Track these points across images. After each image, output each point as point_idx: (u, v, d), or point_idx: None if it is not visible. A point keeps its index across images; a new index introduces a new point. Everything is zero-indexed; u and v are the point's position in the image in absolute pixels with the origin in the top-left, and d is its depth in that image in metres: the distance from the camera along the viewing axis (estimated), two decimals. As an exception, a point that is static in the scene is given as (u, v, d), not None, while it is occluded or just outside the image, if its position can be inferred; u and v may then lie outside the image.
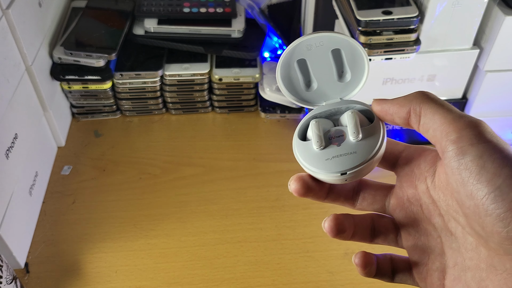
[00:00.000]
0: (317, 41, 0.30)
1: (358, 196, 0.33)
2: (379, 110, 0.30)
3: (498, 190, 0.23)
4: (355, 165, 0.29)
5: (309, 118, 0.32)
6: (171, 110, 0.76)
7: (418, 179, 0.30)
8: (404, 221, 0.31)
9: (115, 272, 0.56)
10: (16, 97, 0.57)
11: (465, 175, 0.24)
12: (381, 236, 0.32)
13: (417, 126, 0.28)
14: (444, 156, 0.26)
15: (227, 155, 0.70)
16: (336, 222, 0.30)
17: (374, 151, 0.29)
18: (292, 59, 0.31)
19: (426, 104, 0.27)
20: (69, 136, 0.73)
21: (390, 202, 0.32)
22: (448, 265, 0.29)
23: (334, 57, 0.31)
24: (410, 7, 0.56)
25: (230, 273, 0.56)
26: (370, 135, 0.30)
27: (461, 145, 0.25)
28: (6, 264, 0.45)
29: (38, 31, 0.65)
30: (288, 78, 0.32)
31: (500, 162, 0.24)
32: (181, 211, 0.63)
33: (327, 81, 0.32)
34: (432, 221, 0.30)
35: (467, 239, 0.27)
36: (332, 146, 0.30)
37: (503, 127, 0.68)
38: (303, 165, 0.30)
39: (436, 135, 0.26)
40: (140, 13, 0.74)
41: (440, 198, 0.28)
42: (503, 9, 0.57)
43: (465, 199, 0.25)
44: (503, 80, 0.62)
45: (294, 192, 0.30)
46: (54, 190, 0.65)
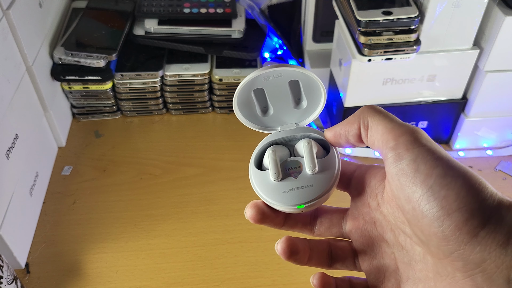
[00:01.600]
0: (275, 73, 0.31)
1: (315, 221, 0.33)
2: (332, 136, 0.30)
3: (430, 190, 0.24)
4: (311, 199, 0.29)
5: (265, 144, 0.33)
6: (171, 111, 0.77)
7: (370, 197, 0.30)
8: (361, 241, 0.31)
9: (115, 273, 0.56)
10: (16, 97, 0.57)
11: (403, 179, 0.25)
12: (339, 261, 0.32)
13: (366, 140, 0.29)
14: (386, 164, 0.27)
15: (227, 155, 0.70)
16: (289, 243, 0.30)
17: (330, 184, 0.30)
18: (250, 88, 0.32)
19: (372, 116, 0.28)
20: (70, 136, 0.73)
21: (346, 224, 0.32)
22: (402, 281, 0.29)
23: (291, 87, 0.32)
24: (410, 8, 0.56)
25: (230, 273, 0.56)
26: (326, 168, 0.30)
27: (398, 151, 0.26)
28: (6, 264, 0.45)
29: (38, 32, 0.65)
30: (245, 104, 0.33)
31: (432, 163, 0.25)
32: (181, 211, 0.63)
33: (284, 108, 0.33)
34: (385, 238, 0.30)
35: (416, 250, 0.28)
36: (289, 178, 0.30)
37: (503, 127, 0.68)
38: (261, 195, 0.31)
39: (379, 145, 0.27)
40: (141, 13, 0.74)
41: (388, 212, 0.29)
42: (503, 9, 0.57)
43: (404, 204, 0.25)
44: (503, 80, 0.62)
45: (250, 219, 0.30)
46: (54, 190, 0.65)
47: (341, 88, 0.66)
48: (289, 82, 0.32)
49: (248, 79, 0.31)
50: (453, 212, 0.23)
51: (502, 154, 0.70)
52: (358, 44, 0.58)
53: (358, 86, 0.63)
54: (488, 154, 0.70)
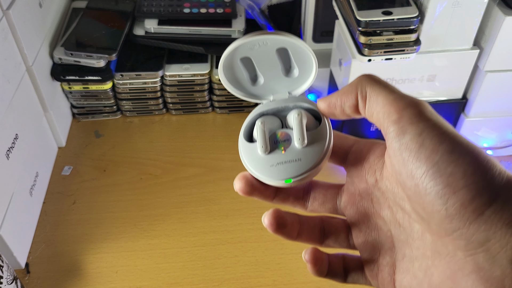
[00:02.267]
0: (260, 42, 0.30)
1: (308, 196, 0.32)
2: (326, 107, 0.29)
3: (436, 166, 0.23)
4: (299, 173, 0.28)
5: (256, 115, 0.31)
6: (171, 111, 0.77)
7: (368, 173, 0.29)
8: (355, 217, 0.30)
9: (115, 273, 0.56)
10: (16, 97, 0.57)
11: (406, 154, 0.24)
12: (332, 238, 0.31)
13: (364, 112, 0.27)
14: (387, 138, 0.25)
15: (227, 155, 0.70)
16: (276, 215, 0.29)
17: (319, 159, 0.29)
18: (235, 57, 0.30)
19: (371, 86, 0.26)
20: (70, 136, 0.73)
21: (341, 199, 0.31)
22: (397, 259, 0.28)
23: (280, 55, 0.31)
24: (410, 8, 0.56)
25: (230, 274, 0.56)
26: (316, 140, 0.29)
27: (402, 125, 0.24)
28: (6, 265, 0.45)
29: (38, 32, 0.65)
30: (233, 74, 0.31)
31: (439, 138, 0.23)
32: (181, 211, 0.63)
33: (274, 76, 0.31)
34: (381, 215, 0.29)
35: (414, 228, 0.27)
36: (277, 152, 0.29)
37: (503, 127, 0.68)
38: (248, 169, 0.30)
39: (379, 118, 0.26)
40: (141, 13, 0.74)
41: (387, 188, 0.28)
42: (503, 9, 0.57)
43: (406, 180, 0.24)
44: (503, 80, 0.62)
45: (239, 191, 0.30)
46: (54, 190, 0.65)
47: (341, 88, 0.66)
48: (277, 50, 0.30)
49: (231, 49, 0.29)
50: (459, 190, 0.22)
51: (502, 154, 0.70)
52: (358, 44, 0.58)
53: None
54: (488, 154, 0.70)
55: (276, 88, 0.32)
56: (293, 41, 0.29)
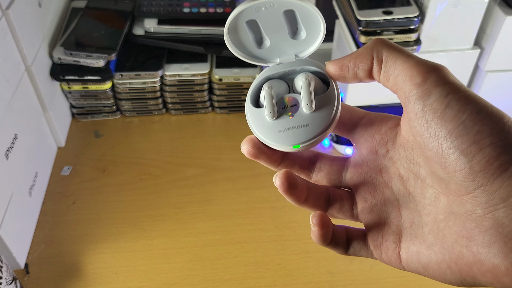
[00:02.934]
0: (267, 4, 0.29)
1: (314, 166, 0.32)
2: (337, 70, 0.29)
3: (462, 125, 0.23)
4: (307, 139, 0.28)
5: (262, 79, 0.31)
6: (171, 111, 0.76)
7: (379, 144, 0.29)
8: (361, 187, 0.30)
9: (115, 273, 0.56)
10: (16, 97, 0.57)
11: (429, 115, 0.24)
12: (336, 205, 0.31)
13: (378, 76, 0.27)
14: (408, 101, 0.26)
15: (227, 155, 0.70)
16: (288, 175, 0.29)
17: (327, 123, 0.28)
18: (240, 20, 0.30)
19: (387, 50, 0.27)
20: (69, 136, 0.73)
21: (347, 171, 0.31)
22: (404, 227, 0.28)
23: (287, 17, 0.30)
24: (411, 7, 0.56)
25: (230, 274, 0.56)
26: (324, 105, 0.29)
27: (426, 87, 0.25)
28: (6, 265, 0.45)
29: (38, 31, 0.65)
30: (238, 37, 0.31)
31: (465, 99, 0.24)
32: (181, 211, 0.63)
33: (280, 38, 0.31)
34: (389, 184, 0.29)
35: (426, 194, 0.27)
36: (285, 117, 0.29)
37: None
38: (256, 134, 0.30)
39: (398, 82, 0.26)
40: (140, 13, 0.74)
41: (400, 155, 0.28)
42: (504, 9, 0.56)
43: (428, 140, 0.25)
44: (503, 80, 0.62)
45: (246, 153, 0.30)
46: (54, 190, 0.65)
47: (342, 88, 0.66)
48: (284, 12, 0.29)
49: (237, 12, 0.29)
50: (486, 147, 0.23)
51: (502, 154, 0.69)
52: (358, 44, 0.58)
53: (358, 85, 0.62)
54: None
55: (283, 51, 0.31)
56: (301, 3, 0.29)
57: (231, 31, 0.30)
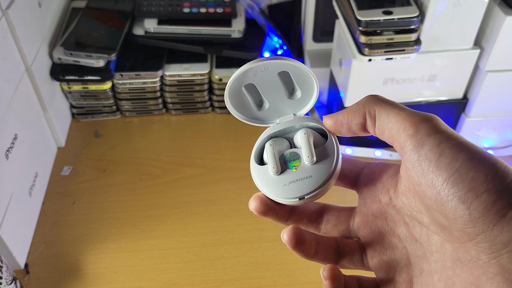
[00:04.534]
0: (262, 67, 0.30)
1: (321, 219, 0.33)
2: (332, 125, 0.30)
3: (457, 173, 0.24)
4: (312, 190, 0.29)
5: (264, 138, 0.32)
6: (171, 111, 0.76)
7: (381, 192, 0.30)
8: (369, 237, 0.31)
9: (115, 273, 0.56)
10: (16, 97, 0.57)
11: (425, 164, 0.25)
12: (346, 257, 0.32)
13: (373, 130, 0.28)
14: (404, 151, 0.26)
15: (227, 155, 0.70)
16: (295, 231, 0.30)
17: (329, 173, 0.30)
18: (239, 85, 0.31)
19: (379, 105, 0.28)
20: (69, 136, 0.73)
21: (354, 221, 0.32)
22: (414, 275, 0.29)
23: (282, 78, 0.32)
24: (411, 7, 0.56)
25: (230, 274, 0.56)
26: (325, 157, 0.30)
27: (419, 137, 0.26)
28: (6, 265, 0.45)
29: (38, 32, 0.65)
30: (239, 101, 0.32)
31: (457, 147, 0.25)
32: (181, 212, 0.63)
33: (278, 99, 0.32)
34: (396, 232, 0.30)
35: (432, 241, 0.27)
36: (288, 171, 0.30)
37: (503, 127, 0.68)
38: (262, 190, 0.31)
39: (393, 134, 0.27)
40: (140, 13, 0.73)
41: (403, 204, 0.29)
42: (504, 9, 0.56)
43: (427, 189, 0.25)
44: (503, 80, 0.62)
45: (254, 211, 0.31)
46: (54, 190, 0.65)
47: (342, 88, 0.66)
48: (278, 74, 0.31)
49: (234, 77, 0.30)
50: (481, 193, 0.23)
51: (503, 154, 0.70)
52: (358, 44, 0.58)
53: (358, 86, 0.62)
54: (488, 154, 0.70)
55: (281, 111, 0.33)
56: (293, 64, 0.30)
57: (231, 96, 0.32)
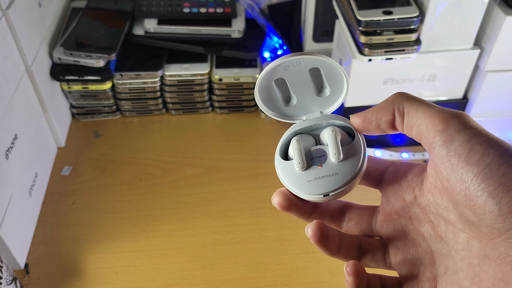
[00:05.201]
0: (294, 62, 0.31)
1: (344, 216, 0.33)
2: (361, 123, 0.30)
3: (487, 168, 0.24)
4: (337, 187, 0.29)
5: (290, 134, 0.33)
6: (171, 111, 0.76)
7: (406, 191, 0.30)
8: (392, 236, 0.31)
9: (115, 273, 0.56)
10: (16, 97, 0.57)
11: (454, 160, 0.25)
12: (368, 255, 0.32)
13: (401, 127, 0.28)
14: (433, 147, 0.26)
15: (227, 155, 0.70)
16: (320, 226, 0.30)
17: (356, 171, 0.30)
18: (270, 79, 0.32)
19: (408, 102, 0.28)
20: (69, 136, 0.73)
21: (377, 219, 0.32)
22: (439, 273, 0.28)
23: (312, 75, 0.32)
24: (411, 7, 0.56)
25: (230, 274, 0.56)
26: (351, 155, 0.30)
27: (449, 133, 0.26)
28: (6, 265, 0.45)
29: (38, 32, 0.65)
30: (267, 95, 0.32)
31: (488, 143, 0.25)
32: (181, 212, 0.63)
33: (306, 96, 0.33)
34: (420, 231, 0.30)
35: (458, 239, 0.27)
36: (314, 167, 0.30)
37: (504, 127, 0.68)
38: (286, 185, 0.31)
39: (422, 130, 0.27)
40: (140, 13, 0.73)
41: (429, 201, 0.29)
42: (504, 9, 0.56)
43: (456, 184, 0.25)
44: (503, 80, 0.62)
45: (278, 206, 0.31)
46: (54, 190, 0.65)
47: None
48: (309, 70, 0.31)
49: (266, 70, 0.30)
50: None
51: (502, 154, 0.69)
52: (358, 44, 0.58)
53: (358, 86, 0.62)
54: (488, 154, 0.70)
55: (309, 108, 0.33)
56: (326, 60, 0.30)
57: (261, 90, 0.32)
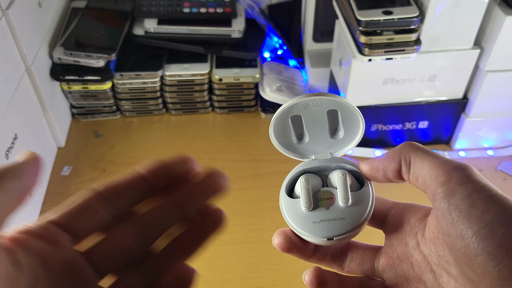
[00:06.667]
0: (315, 102, 0.30)
1: (345, 256, 0.32)
2: (368, 170, 0.30)
3: (487, 227, 0.23)
4: (342, 232, 0.29)
5: (298, 172, 0.32)
6: (171, 111, 0.76)
7: (409, 235, 0.29)
8: (395, 282, 0.30)
9: (115, 273, 0.56)
10: (16, 97, 0.57)
11: (455, 215, 0.24)
12: None
13: (408, 177, 0.28)
14: (434, 199, 0.26)
15: (227, 155, 0.70)
16: (317, 273, 0.29)
17: (363, 219, 0.29)
18: (288, 114, 0.31)
19: (415, 152, 0.28)
20: (69, 136, 0.73)
21: (379, 262, 0.31)
22: None
23: (329, 116, 0.31)
24: (411, 7, 0.56)
25: (230, 274, 0.56)
26: (360, 201, 0.30)
27: (451, 186, 0.25)
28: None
29: (38, 32, 0.65)
30: (281, 129, 0.32)
31: (489, 199, 0.24)
32: (181, 211, 0.62)
33: (319, 136, 0.32)
34: (423, 279, 0.29)
35: None
36: (320, 209, 0.30)
37: (504, 127, 0.68)
38: (290, 224, 0.30)
39: (426, 181, 0.27)
40: (140, 13, 0.73)
41: (431, 251, 0.28)
42: (504, 9, 0.56)
43: (456, 240, 0.24)
44: (503, 80, 0.62)
45: (278, 247, 0.30)
46: (54, 191, 0.65)
47: (342, 88, 0.66)
48: (328, 111, 0.31)
49: (288, 105, 0.30)
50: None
51: (503, 154, 0.69)
52: (358, 44, 0.58)
53: (358, 86, 0.62)
54: (489, 154, 0.70)
55: (319, 148, 0.33)
56: (346, 103, 0.30)
57: (277, 123, 0.31)
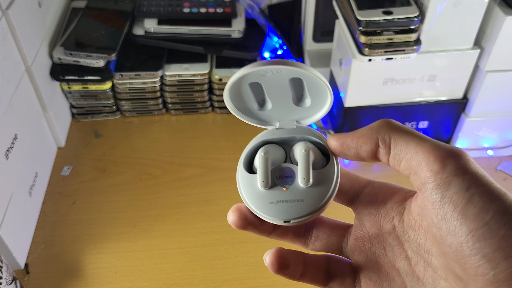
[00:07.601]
0: (273, 70, 0.27)
1: (310, 234, 0.30)
2: (338, 147, 0.27)
3: (486, 226, 0.21)
4: (300, 215, 0.27)
5: (259, 142, 0.30)
6: (171, 111, 0.76)
7: (384, 219, 0.27)
8: (364, 265, 0.28)
9: (115, 273, 0.56)
10: (16, 97, 0.57)
11: (448, 209, 0.22)
12: (337, 280, 0.29)
13: (387, 159, 0.25)
14: (425, 188, 0.23)
15: (227, 155, 0.70)
16: (278, 255, 0.27)
17: (323, 202, 0.27)
18: (243, 82, 0.28)
19: (396, 133, 0.25)
20: (69, 136, 0.73)
21: (348, 243, 0.29)
22: None
23: (293, 84, 0.29)
24: (411, 7, 0.56)
25: (230, 274, 0.56)
26: (322, 181, 0.27)
27: (445, 176, 0.23)
28: (6, 265, 0.45)
29: (38, 32, 0.65)
30: (239, 96, 0.29)
31: (489, 195, 0.22)
32: (181, 212, 0.63)
33: (283, 103, 0.29)
34: (396, 265, 0.27)
35: (438, 285, 0.25)
36: (278, 188, 0.27)
37: (504, 127, 0.68)
38: (246, 202, 0.28)
39: (412, 166, 0.24)
40: (140, 13, 0.73)
41: (410, 238, 0.26)
42: (504, 9, 0.56)
43: (447, 236, 0.22)
44: (504, 80, 0.62)
45: (232, 224, 0.28)
46: (54, 190, 0.65)
47: (342, 88, 0.66)
48: (290, 79, 0.28)
49: (240, 74, 0.27)
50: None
51: (502, 154, 0.69)
52: (358, 44, 0.58)
53: (358, 86, 0.62)
54: (488, 154, 0.70)
55: (284, 115, 0.30)
56: (309, 73, 0.27)
57: (233, 89, 0.29)
